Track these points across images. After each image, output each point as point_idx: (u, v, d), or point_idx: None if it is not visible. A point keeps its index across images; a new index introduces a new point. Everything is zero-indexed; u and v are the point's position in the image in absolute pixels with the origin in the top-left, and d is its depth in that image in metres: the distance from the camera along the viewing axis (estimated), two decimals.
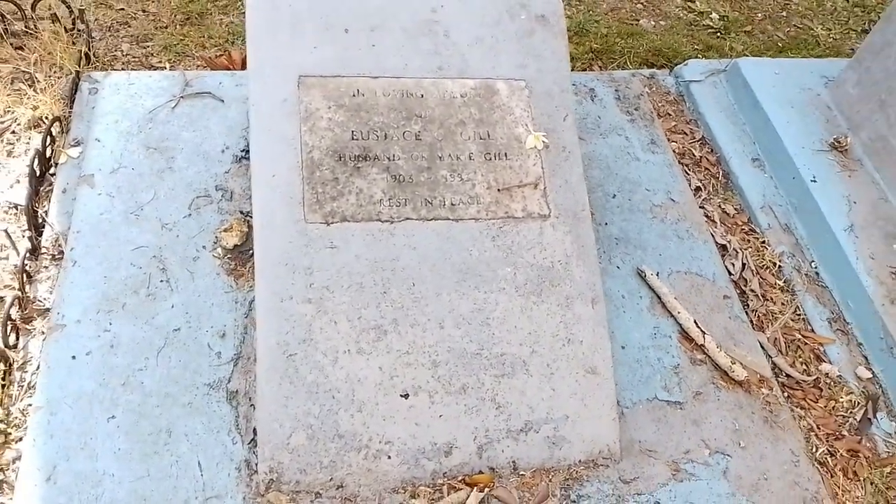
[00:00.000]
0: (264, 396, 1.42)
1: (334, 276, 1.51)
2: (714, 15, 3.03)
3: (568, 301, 1.60)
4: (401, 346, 1.50)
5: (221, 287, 1.69)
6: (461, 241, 1.60)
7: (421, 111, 1.71)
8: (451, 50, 1.80)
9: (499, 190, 1.67)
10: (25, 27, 2.34)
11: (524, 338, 1.55)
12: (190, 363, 1.56)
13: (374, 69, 1.73)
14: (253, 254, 1.74)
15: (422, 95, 1.73)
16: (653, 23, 2.98)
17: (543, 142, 1.73)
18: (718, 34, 2.96)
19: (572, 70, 2.16)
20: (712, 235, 2.06)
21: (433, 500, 1.44)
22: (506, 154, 1.72)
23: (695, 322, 1.79)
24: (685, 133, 2.40)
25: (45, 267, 1.75)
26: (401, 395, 1.47)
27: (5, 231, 1.76)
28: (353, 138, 1.65)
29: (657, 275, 1.89)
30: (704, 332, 1.77)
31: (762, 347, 1.84)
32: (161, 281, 1.67)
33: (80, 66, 2.20)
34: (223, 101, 2.08)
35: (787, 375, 1.81)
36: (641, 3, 3.07)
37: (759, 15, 3.13)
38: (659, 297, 1.85)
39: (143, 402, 1.49)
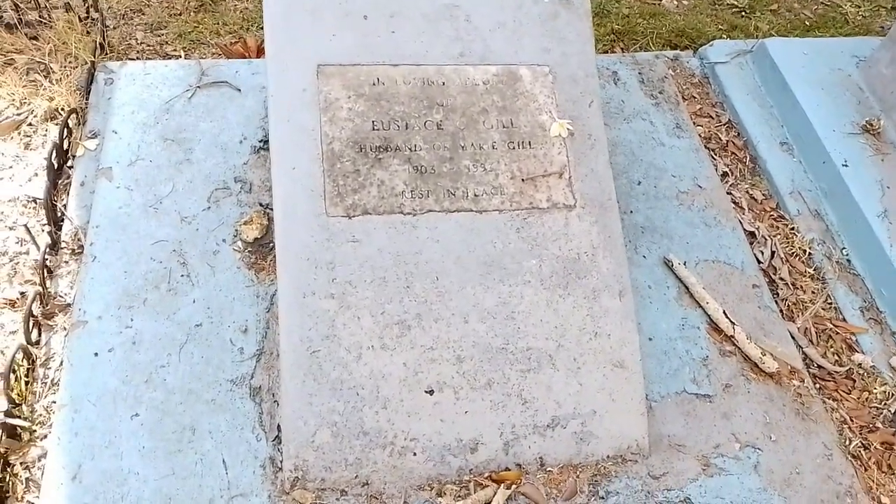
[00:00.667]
0: (288, 394, 1.40)
1: (357, 271, 1.49)
2: None
3: (595, 294, 1.57)
4: (425, 342, 1.47)
5: (242, 281, 1.67)
6: (485, 234, 1.57)
7: (442, 99, 1.67)
8: (473, 35, 1.75)
9: (523, 180, 1.63)
10: (39, 16, 2.31)
11: (550, 332, 1.52)
12: (212, 359, 1.54)
13: (394, 56, 1.68)
14: (273, 247, 1.73)
15: (443, 83, 1.69)
16: (675, 2, 2.90)
17: (568, 129, 1.69)
18: (743, 13, 2.88)
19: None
20: (740, 222, 2.01)
21: (459, 497, 1.43)
22: (530, 143, 1.67)
23: (724, 313, 1.75)
24: (711, 116, 2.34)
25: (66, 262, 1.74)
26: (425, 392, 1.45)
27: (25, 226, 1.76)
28: (373, 129, 1.61)
29: (684, 264, 1.84)
30: (734, 323, 1.73)
31: (793, 338, 1.79)
32: (181, 276, 1.66)
33: (94, 57, 2.17)
34: (240, 90, 2.05)
35: (819, 366, 1.77)
36: None
37: None
38: (686, 287, 1.81)
39: (166, 399, 1.48)
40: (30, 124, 2.08)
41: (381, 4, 1.72)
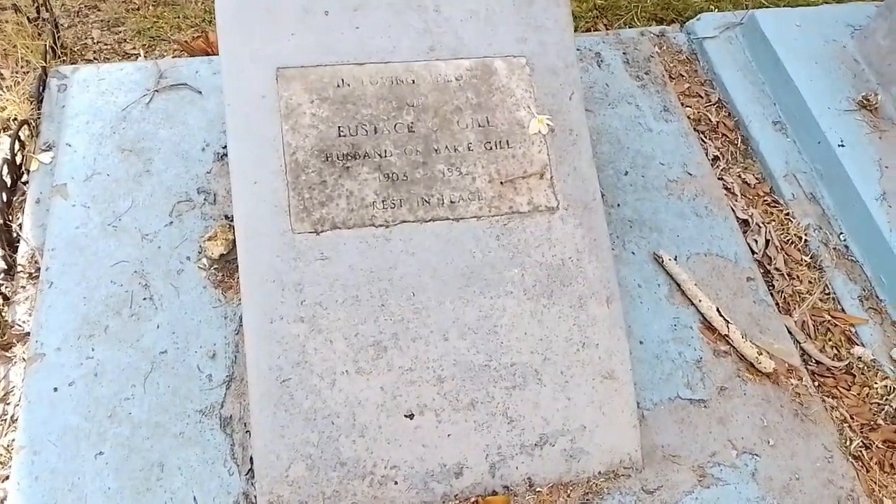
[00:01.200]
0: (259, 427, 1.32)
1: (327, 291, 1.40)
2: None
3: (581, 301, 1.48)
4: (403, 363, 1.39)
5: (209, 301, 1.58)
6: (463, 243, 1.48)
7: (413, 99, 1.56)
8: (444, 27, 1.63)
9: (501, 183, 1.54)
10: None
11: (535, 345, 1.44)
12: (179, 388, 1.46)
13: (359, 55, 1.57)
14: None
15: (413, 81, 1.58)
16: None
17: (548, 125, 1.58)
18: None
19: (575, 31, 1.99)
20: (733, 210, 1.92)
21: None
22: (507, 142, 1.57)
23: (717, 310, 1.67)
24: (700, 96, 2.23)
25: (23, 287, 1.65)
26: (405, 416, 1.38)
27: None
28: (339, 135, 1.51)
29: (675, 259, 1.76)
30: (728, 322, 1.66)
31: (790, 333, 1.72)
32: (144, 299, 1.56)
33: (46, 61, 2.05)
34: (201, 92, 1.93)
35: (817, 362, 1.70)
36: None
37: None
38: (678, 285, 1.73)
39: (132, 434, 1.40)
40: None
41: None
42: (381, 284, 1.42)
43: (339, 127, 1.51)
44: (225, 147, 1.83)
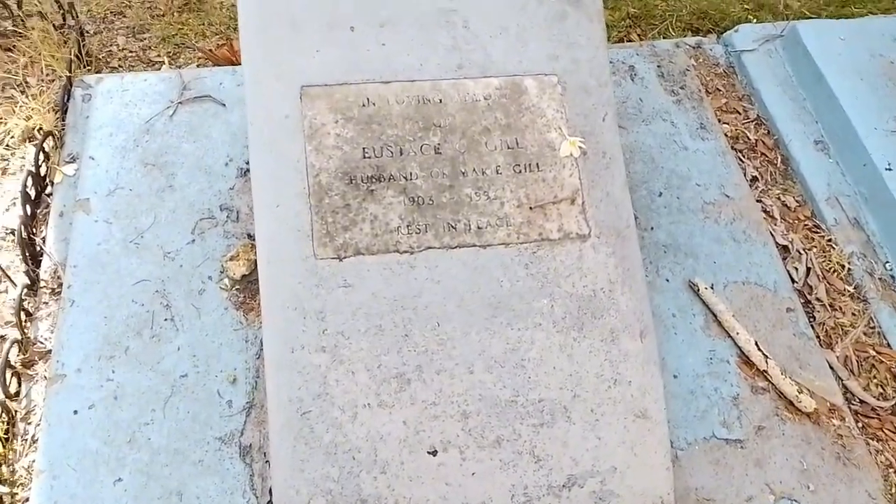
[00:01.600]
0: (278, 460, 1.29)
1: (350, 320, 1.36)
2: None
3: (613, 335, 1.42)
4: (426, 397, 1.34)
5: (230, 324, 1.55)
6: (490, 271, 1.42)
7: (440, 119, 1.51)
8: (473, 44, 1.58)
9: (531, 208, 1.48)
10: (14, 26, 2.17)
11: (564, 380, 1.39)
12: (199, 414, 1.43)
13: (385, 72, 1.52)
14: None
15: (440, 100, 1.53)
16: None
17: (580, 148, 1.52)
18: None
19: (608, 41, 1.92)
20: (772, 235, 1.84)
21: None
22: (538, 165, 1.51)
23: (756, 344, 1.60)
24: (738, 112, 2.15)
25: (45, 303, 1.63)
26: (428, 452, 1.33)
27: (0, 268, 1.65)
28: (364, 156, 1.46)
29: (712, 287, 1.69)
30: (767, 356, 1.58)
31: (832, 369, 1.64)
32: (165, 319, 1.54)
33: (70, 71, 2.03)
34: (224, 104, 1.90)
35: (861, 401, 1.62)
36: None
37: None
38: (714, 315, 1.66)
39: (150, 460, 1.38)
40: (7, 146, 1.96)
41: (369, 12, 1.55)
42: (405, 313, 1.38)
43: (363, 148, 1.47)
44: (248, 162, 1.80)
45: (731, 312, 1.64)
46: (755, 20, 2.46)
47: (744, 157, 2.03)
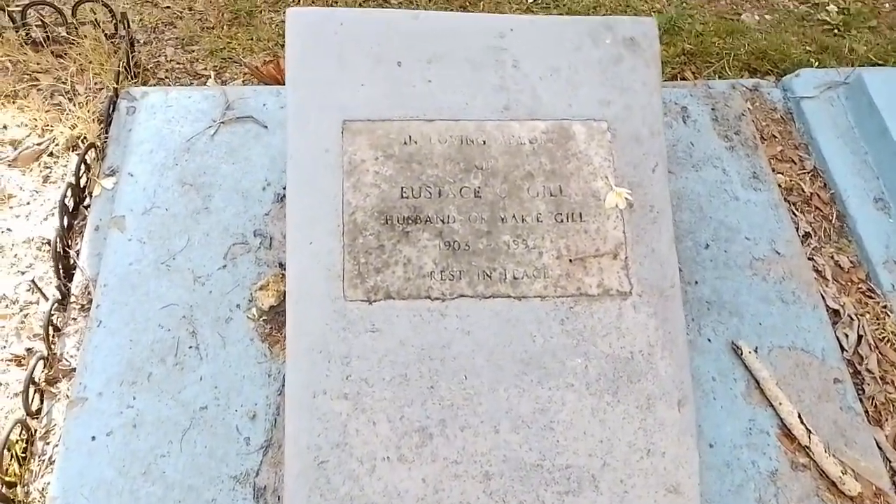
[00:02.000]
0: None
1: (375, 367, 1.31)
2: (832, 7, 2.59)
3: (649, 402, 1.35)
4: (448, 454, 1.29)
5: (254, 356, 1.52)
6: (524, 325, 1.37)
7: (482, 161, 1.46)
8: (521, 84, 1.53)
9: (571, 260, 1.42)
10: (67, 33, 2.19)
11: (594, 447, 1.32)
12: (216, 450, 1.41)
13: (429, 110, 1.49)
14: None
15: (483, 142, 1.48)
16: (757, 17, 2.58)
17: (627, 199, 1.46)
18: (836, 31, 2.53)
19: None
20: (822, 297, 1.74)
21: None
22: (580, 214, 1.45)
23: (799, 416, 1.51)
24: (793, 162, 2.05)
25: (74, 318, 1.63)
26: None
27: (32, 282, 1.65)
28: (402, 196, 1.42)
29: (755, 351, 1.60)
30: (810, 431, 1.49)
31: (879, 448, 1.54)
32: (190, 347, 1.52)
33: (118, 83, 2.04)
34: (266, 126, 1.89)
35: None
36: None
37: (888, 6, 2.66)
38: (757, 382, 1.57)
39: (164, 495, 1.35)
40: (51, 154, 1.97)
41: (417, 48, 1.52)
42: (433, 364, 1.33)
43: (402, 187, 1.43)
44: (285, 188, 1.77)
45: (774, 380, 1.56)
46: (817, 63, 2.36)
47: (797, 210, 1.93)
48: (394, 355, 1.33)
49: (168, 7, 2.49)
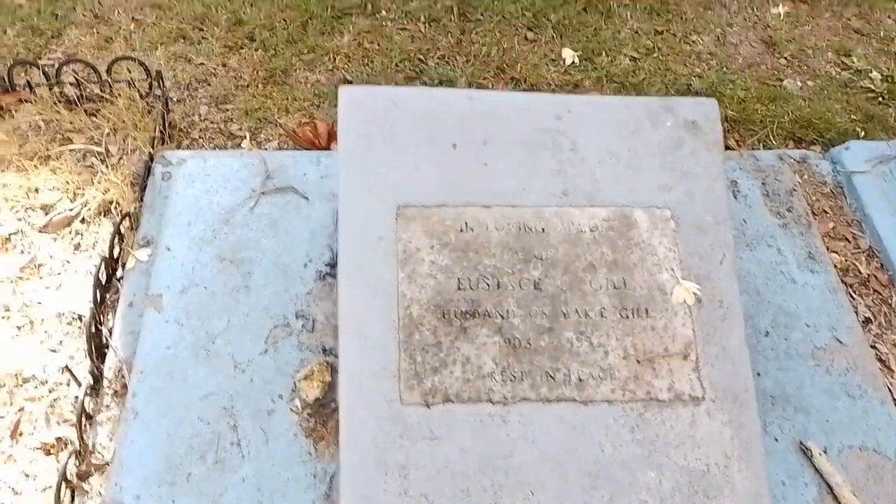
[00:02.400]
0: None
1: (434, 478, 1.23)
2: (875, 74, 2.55)
3: None
4: None
5: (298, 453, 1.44)
6: (591, 432, 1.28)
7: (541, 251, 1.40)
8: (579, 168, 1.47)
9: (638, 361, 1.34)
10: (101, 91, 2.15)
11: None
12: None
13: (485, 195, 1.42)
14: (335, 408, 1.49)
15: (542, 229, 1.42)
16: (799, 83, 2.53)
17: (695, 294, 1.39)
18: (881, 99, 2.49)
19: None
20: (890, 391, 1.66)
21: None
22: (647, 310, 1.38)
23: None
24: (847, 240, 1.98)
25: (107, 406, 1.55)
26: None
27: (67, 368, 1.57)
28: (459, 288, 1.35)
29: (825, 453, 1.51)
30: None
31: None
32: (231, 443, 1.44)
33: (153, 147, 1.99)
34: (307, 198, 1.83)
35: None
36: (785, 58, 2.62)
37: None
38: (829, 487, 1.48)
39: None
40: (83, 220, 1.91)
41: (471, 129, 1.46)
42: (495, 476, 1.24)
43: (458, 279, 1.36)
44: (328, 265, 1.71)
45: (848, 486, 1.47)
46: (863, 133, 2.31)
47: (854, 293, 1.86)
48: (454, 466, 1.24)
49: (202, 64, 2.45)
